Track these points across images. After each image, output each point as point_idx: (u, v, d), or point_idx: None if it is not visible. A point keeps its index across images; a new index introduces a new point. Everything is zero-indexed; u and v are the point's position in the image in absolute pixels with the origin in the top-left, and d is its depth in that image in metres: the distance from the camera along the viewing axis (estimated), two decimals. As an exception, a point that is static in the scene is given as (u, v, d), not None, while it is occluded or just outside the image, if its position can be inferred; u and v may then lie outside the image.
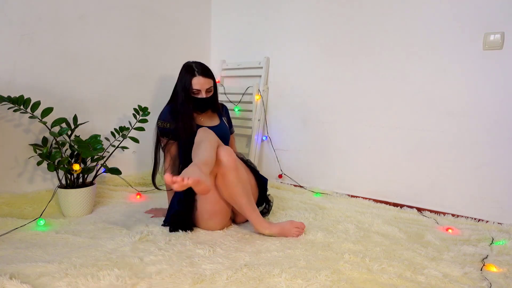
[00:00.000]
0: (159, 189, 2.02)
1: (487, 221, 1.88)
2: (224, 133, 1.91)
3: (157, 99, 2.60)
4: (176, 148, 1.87)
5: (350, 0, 2.26)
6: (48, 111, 1.84)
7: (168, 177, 1.32)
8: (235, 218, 1.81)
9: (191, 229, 1.69)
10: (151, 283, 1.20)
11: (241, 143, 2.76)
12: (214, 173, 1.59)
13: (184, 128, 1.79)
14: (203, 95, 1.81)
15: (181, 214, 1.67)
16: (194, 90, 1.79)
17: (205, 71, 1.82)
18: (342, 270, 1.32)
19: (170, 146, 1.86)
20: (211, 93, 1.84)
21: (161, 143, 1.89)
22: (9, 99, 1.74)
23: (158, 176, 1.96)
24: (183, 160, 1.86)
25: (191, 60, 1.93)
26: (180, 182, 1.32)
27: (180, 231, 1.66)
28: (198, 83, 1.79)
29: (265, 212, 1.88)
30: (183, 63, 1.91)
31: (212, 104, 1.88)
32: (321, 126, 2.45)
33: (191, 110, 1.82)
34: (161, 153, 1.93)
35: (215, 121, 1.93)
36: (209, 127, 1.86)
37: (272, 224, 1.65)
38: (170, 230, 1.67)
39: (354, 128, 2.31)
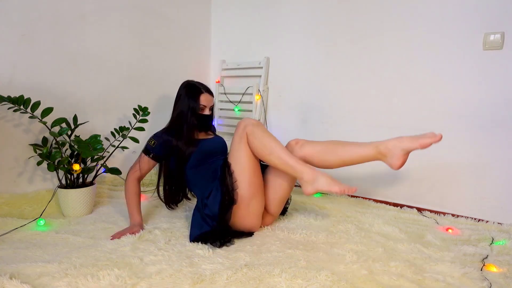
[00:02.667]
0: (173, 208, 1.98)
1: (487, 221, 1.88)
2: (222, 144, 1.91)
3: (157, 99, 2.60)
4: (150, 168, 1.83)
5: (350, 0, 2.27)
6: (48, 111, 1.84)
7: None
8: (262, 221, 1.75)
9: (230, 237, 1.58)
10: (151, 283, 1.20)
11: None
12: (245, 136, 1.59)
13: (186, 142, 1.77)
14: (207, 112, 1.84)
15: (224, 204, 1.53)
16: (201, 106, 1.82)
17: (209, 89, 1.88)
18: (342, 270, 1.32)
19: (148, 163, 1.81)
20: (211, 112, 1.88)
21: (139, 158, 1.82)
22: (9, 99, 1.74)
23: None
24: (178, 177, 1.83)
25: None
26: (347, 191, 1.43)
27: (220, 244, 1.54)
28: (205, 99, 1.82)
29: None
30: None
31: (212, 121, 1.92)
32: (321, 126, 2.45)
33: (195, 126, 1.81)
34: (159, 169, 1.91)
35: (209, 135, 1.94)
36: (205, 140, 1.86)
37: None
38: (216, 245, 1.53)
39: (354, 128, 2.31)
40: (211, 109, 1.88)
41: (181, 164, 1.78)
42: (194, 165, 1.78)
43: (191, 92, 1.82)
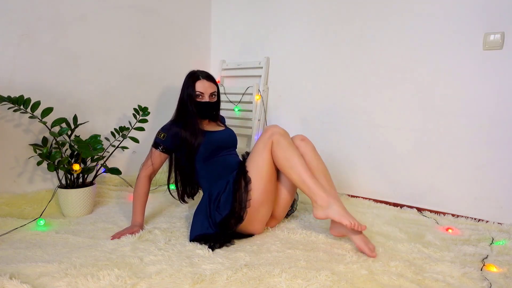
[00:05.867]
0: (186, 202, 1.93)
1: (487, 221, 1.88)
2: (232, 138, 1.88)
3: (157, 98, 2.60)
4: (162, 161, 1.80)
5: (350, 0, 2.26)
6: (48, 111, 1.84)
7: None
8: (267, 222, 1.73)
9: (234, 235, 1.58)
10: (151, 283, 1.20)
11: (241, 143, 2.76)
12: (270, 143, 1.55)
13: (192, 133, 1.73)
14: (206, 99, 1.77)
15: (232, 218, 1.52)
16: (198, 93, 1.76)
17: (209, 76, 1.82)
18: (342, 270, 1.32)
19: (159, 156, 1.77)
20: (214, 99, 1.81)
21: (150, 153, 1.78)
22: (9, 99, 1.74)
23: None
24: (188, 170, 1.79)
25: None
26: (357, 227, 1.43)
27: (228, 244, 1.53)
28: (202, 86, 1.76)
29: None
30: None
31: (216, 110, 1.85)
32: (321, 126, 2.45)
33: (195, 114, 1.77)
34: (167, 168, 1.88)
35: (220, 127, 1.90)
36: (215, 132, 1.82)
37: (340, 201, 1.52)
38: (220, 246, 1.51)
39: (354, 128, 2.31)
40: (214, 96, 1.80)
41: (190, 156, 1.74)
42: (204, 158, 1.74)
43: (189, 79, 1.79)
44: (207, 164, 1.75)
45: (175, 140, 1.75)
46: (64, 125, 1.93)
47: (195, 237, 1.57)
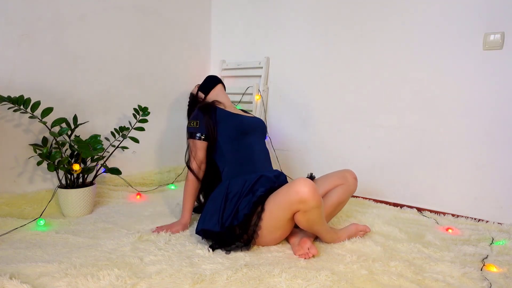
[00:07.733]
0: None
1: (487, 221, 1.88)
2: (261, 124, 1.84)
3: (157, 99, 2.60)
4: (205, 151, 1.73)
5: (350, 0, 2.27)
6: (48, 111, 1.84)
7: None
8: None
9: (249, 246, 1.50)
10: (151, 283, 1.20)
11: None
12: (295, 209, 1.39)
13: (209, 112, 1.73)
14: None
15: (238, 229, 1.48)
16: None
17: None
18: (342, 270, 1.32)
19: (199, 145, 1.72)
20: None
21: (189, 147, 1.74)
22: (9, 99, 1.74)
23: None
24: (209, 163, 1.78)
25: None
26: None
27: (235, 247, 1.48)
28: None
29: None
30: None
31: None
32: (321, 126, 2.45)
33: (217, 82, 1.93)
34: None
35: (250, 114, 1.90)
36: (244, 116, 1.82)
37: (339, 232, 1.60)
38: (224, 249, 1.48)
39: (354, 127, 2.31)
40: None
41: (214, 139, 1.71)
42: (230, 140, 1.70)
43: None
44: (233, 145, 1.70)
45: (208, 124, 1.72)
46: (64, 125, 1.93)
47: (201, 230, 1.55)
